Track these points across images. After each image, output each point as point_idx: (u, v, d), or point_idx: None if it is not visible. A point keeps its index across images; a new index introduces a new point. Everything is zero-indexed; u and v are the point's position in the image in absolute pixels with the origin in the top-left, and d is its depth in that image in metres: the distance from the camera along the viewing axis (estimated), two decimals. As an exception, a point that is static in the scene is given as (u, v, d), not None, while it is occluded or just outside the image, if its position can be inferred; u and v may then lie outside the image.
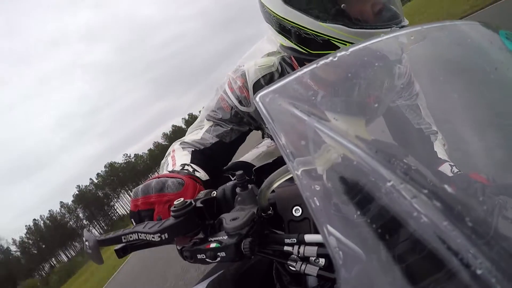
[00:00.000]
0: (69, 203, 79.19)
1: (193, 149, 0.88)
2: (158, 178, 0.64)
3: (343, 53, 0.39)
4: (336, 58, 0.39)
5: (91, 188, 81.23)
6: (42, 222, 75.85)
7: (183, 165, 0.77)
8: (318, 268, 0.43)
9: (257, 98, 0.38)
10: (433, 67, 0.52)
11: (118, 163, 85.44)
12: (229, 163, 1.01)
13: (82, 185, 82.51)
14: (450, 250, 0.26)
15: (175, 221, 0.46)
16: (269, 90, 0.38)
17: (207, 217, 0.50)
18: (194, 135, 0.94)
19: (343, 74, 0.49)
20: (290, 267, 0.45)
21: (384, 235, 0.30)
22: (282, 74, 0.87)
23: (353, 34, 0.72)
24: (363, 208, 0.31)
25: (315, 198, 0.31)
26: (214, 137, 0.91)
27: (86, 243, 0.52)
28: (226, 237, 0.44)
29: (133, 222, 0.60)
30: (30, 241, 74.14)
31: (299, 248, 0.44)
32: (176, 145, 0.91)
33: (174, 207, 0.47)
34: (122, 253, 0.53)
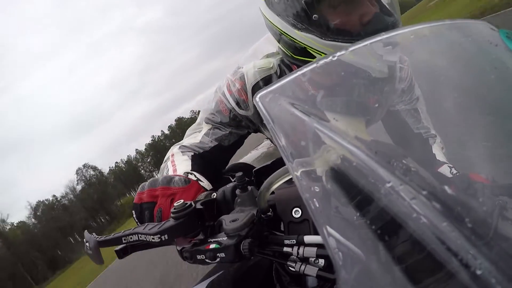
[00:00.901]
0: (143, 150, 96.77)
1: (193, 153, 0.87)
2: (166, 175, 0.66)
3: (343, 52, 0.39)
4: (335, 58, 0.38)
5: (162, 138, 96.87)
6: (122, 164, 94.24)
7: (187, 173, 0.77)
8: (317, 268, 0.43)
9: (257, 98, 0.38)
10: (432, 66, 0.52)
11: (185, 118, 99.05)
12: (229, 165, 1.00)
13: (155, 136, 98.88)
14: (449, 251, 0.25)
15: (175, 223, 0.46)
16: (269, 90, 0.38)
17: (207, 219, 0.50)
18: (193, 138, 0.93)
19: (343, 75, 0.49)
20: (290, 268, 0.45)
21: (384, 236, 0.30)
22: (281, 76, 0.86)
23: (326, 46, 0.71)
24: (362, 209, 0.31)
25: (314, 199, 0.31)
26: (213, 140, 0.90)
27: (87, 243, 0.52)
28: (226, 238, 0.44)
29: (134, 214, 0.61)
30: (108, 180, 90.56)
31: (298, 249, 0.44)
32: (175, 149, 0.91)
33: (174, 208, 0.47)
34: (122, 254, 0.53)
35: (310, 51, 0.74)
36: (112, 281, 11.23)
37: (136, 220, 0.61)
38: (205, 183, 0.74)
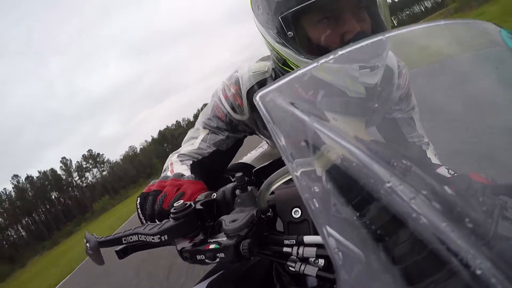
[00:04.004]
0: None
1: (191, 162, 0.88)
2: (178, 173, 0.72)
3: (343, 52, 0.39)
4: (332, 61, 0.38)
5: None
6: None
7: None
8: (317, 268, 0.43)
9: (257, 98, 0.38)
10: (431, 67, 0.52)
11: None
12: (229, 165, 1.01)
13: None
14: (449, 251, 0.25)
15: (175, 223, 0.46)
16: (269, 89, 0.38)
17: (206, 219, 0.50)
18: (190, 145, 0.94)
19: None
20: (290, 268, 0.45)
21: (384, 236, 0.30)
22: (276, 79, 0.86)
23: (301, 62, 0.71)
24: (362, 209, 0.31)
25: (314, 199, 0.31)
26: (211, 146, 0.91)
27: (87, 244, 0.53)
28: (225, 238, 0.44)
29: (138, 200, 0.62)
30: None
31: (298, 249, 0.44)
32: (173, 158, 0.91)
33: (174, 209, 0.47)
34: (122, 254, 0.53)
35: (289, 64, 0.74)
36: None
37: (138, 207, 0.61)
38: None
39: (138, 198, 0.62)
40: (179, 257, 0.48)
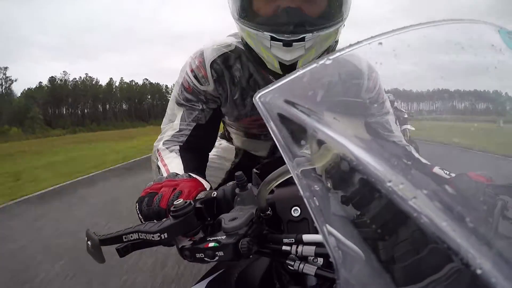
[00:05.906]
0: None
1: (178, 147, 0.89)
2: (173, 172, 0.73)
3: (341, 53, 0.39)
4: (330, 62, 0.38)
5: None
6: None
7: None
8: (316, 267, 0.43)
9: (257, 98, 0.38)
10: (430, 66, 0.52)
11: None
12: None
13: None
14: (450, 250, 0.25)
15: (175, 221, 0.46)
16: (269, 89, 0.38)
17: (206, 217, 0.50)
18: (171, 130, 0.95)
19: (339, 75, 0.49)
20: (289, 267, 0.45)
21: (384, 235, 0.30)
22: (239, 56, 0.88)
23: (237, 23, 0.76)
24: (362, 208, 0.31)
25: (314, 198, 0.31)
26: (190, 122, 0.93)
27: (88, 242, 0.53)
28: (225, 237, 0.44)
29: (137, 206, 0.62)
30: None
31: (297, 247, 0.44)
32: (159, 146, 0.92)
33: (174, 207, 0.47)
34: (123, 252, 0.53)
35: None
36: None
37: (138, 212, 0.62)
38: (203, 182, 0.76)
39: (137, 204, 0.62)
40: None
